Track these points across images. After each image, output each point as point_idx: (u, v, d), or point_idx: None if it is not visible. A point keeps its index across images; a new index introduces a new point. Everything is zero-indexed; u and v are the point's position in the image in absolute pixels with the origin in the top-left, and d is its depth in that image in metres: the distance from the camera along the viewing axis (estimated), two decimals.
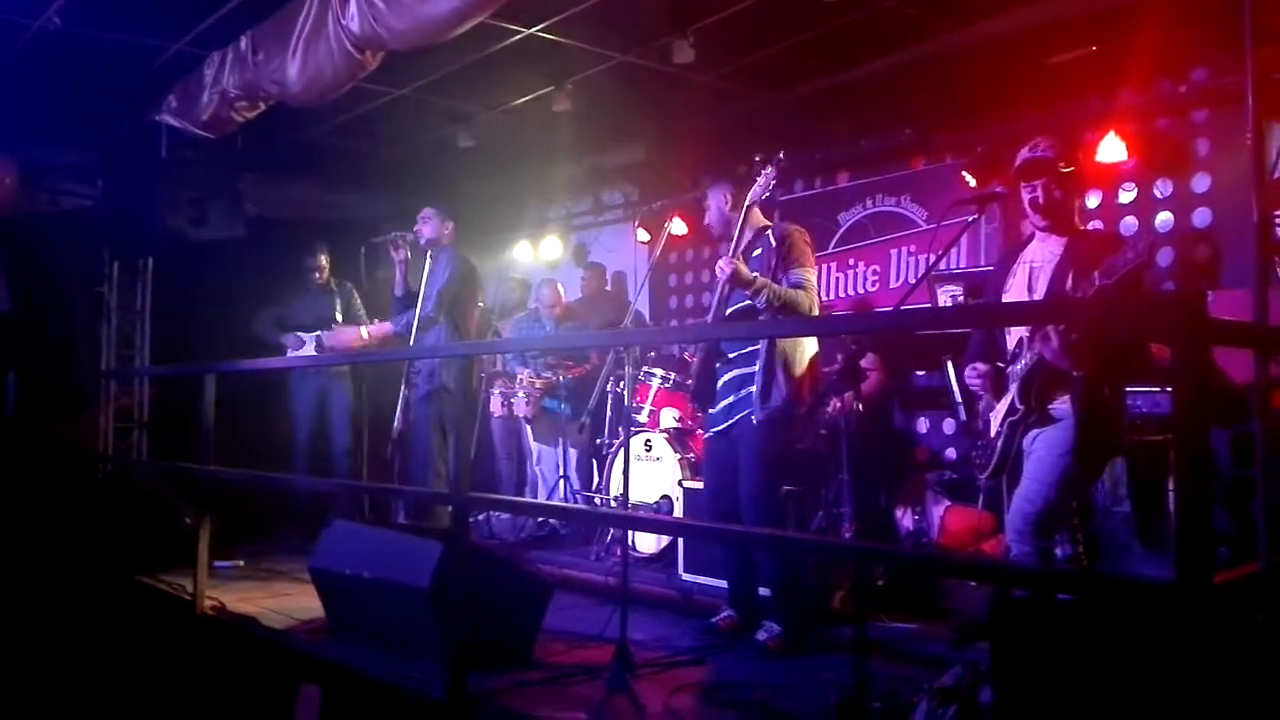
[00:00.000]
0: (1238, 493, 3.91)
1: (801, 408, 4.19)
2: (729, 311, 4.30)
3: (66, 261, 7.01)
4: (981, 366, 3.47)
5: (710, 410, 4.40)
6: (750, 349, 4.21)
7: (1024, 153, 3.39)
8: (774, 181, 4.17)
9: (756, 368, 4.14)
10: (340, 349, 6.29)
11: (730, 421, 4.25)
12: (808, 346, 4.27)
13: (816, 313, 4.33)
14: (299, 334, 6.78)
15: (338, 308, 6.91)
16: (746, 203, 4.22)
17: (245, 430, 5.85)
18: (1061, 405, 3.20)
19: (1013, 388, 3.30)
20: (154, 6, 5.31)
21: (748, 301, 4.18)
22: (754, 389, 4.14)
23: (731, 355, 4.30)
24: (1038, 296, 3.29)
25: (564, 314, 7.20)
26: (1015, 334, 3.36)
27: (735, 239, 4.30)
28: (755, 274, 4.13)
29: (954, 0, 5.08)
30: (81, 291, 7.09)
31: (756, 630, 4.12)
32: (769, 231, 4.30)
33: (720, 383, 4.34)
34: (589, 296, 7.99)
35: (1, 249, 6.76)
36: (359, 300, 7.02)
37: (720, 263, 4.17)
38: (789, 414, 4.15)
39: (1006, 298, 3.43)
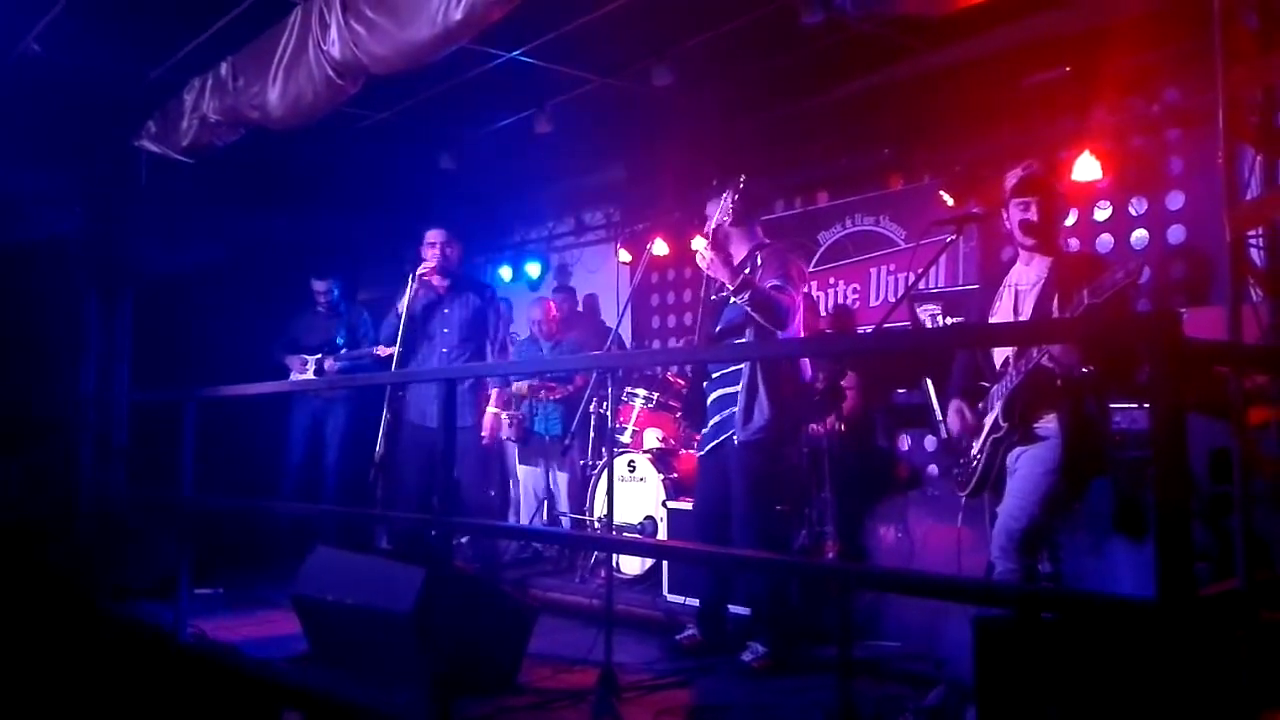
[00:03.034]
0: (1216, 508, 3.94)
1: (787, 428, 4.20)
2: (717, 329, 4.31)
3: (44, 289, 6.96)
4: (966, 410, 3.48)
5: (702, 430, 4.42)
6: (734, 368, 4.22)
7: (1018, 171, 3.41)
8: (733, 205, 4.14)
9: (739, 388, 4.14)
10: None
11: (717, 441, 4.26)
12: (796, 365, 4.29)
13: (797, 331, 4.29)
14: (303, 356, 6.76)
15: (341, 331, 6.87)
16: (712, 226, 4.18)
17: (236, 452, 5.82)
18: (1047, 424, 3.21)
19: (997, 406, 3.31)
20: (134, 33, 5.31)
21: (735, 320, 4.19)
22: (736, 409, 4.13)
23: (715, 375, 4.32)
24: (1024, 319, 3.31)
25: (556, 333, 7.19)
26: (1001, 354, 3.38)
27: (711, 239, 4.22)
28: (741, 269, 4.11)
29: (930, 23, 5.14)
30: (60, 319, 7.03)
31: (741, 651, 4.11)
32: (759, 250, 4.30)
33: (708, 401, 4.35)
34: (564, 319, 7.97)
35: None
36: (369, 320, 6.97)
37: (701, 248, 4.10)
38: (773, 435, 4.14)
39: (993, 320, 3.45)
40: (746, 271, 4.19)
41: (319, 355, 6.75)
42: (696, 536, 4.59)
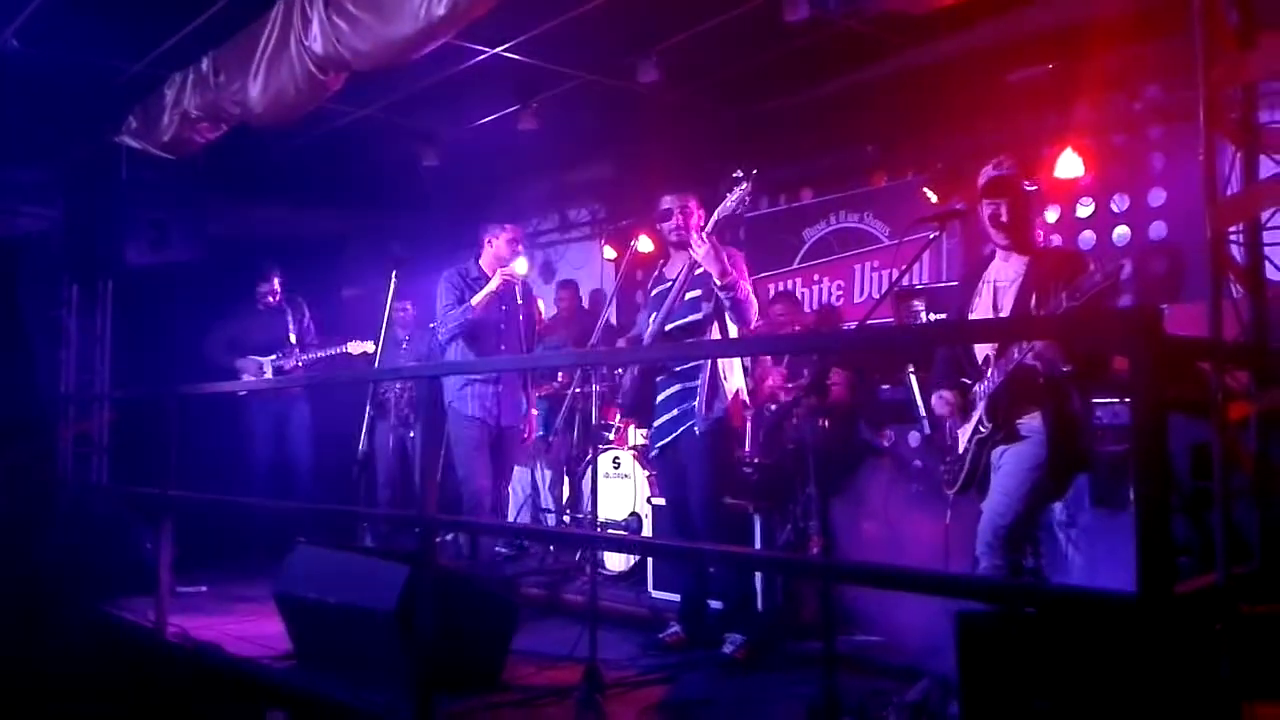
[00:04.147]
0: (1197, 502, 3.97)
1: (737, 420, 4.32)
2: (671, 326, 4.31)
3: (24, 284, 6.91)
4: (949, 395, 3.49)
5: (652, 426, 4.43)
6: (694, 364, 4.26)
7: (988, 170, 3.42)
8: (748, 198, 4.17)
9: (699, 382, 4.19)
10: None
11: (675, 435, 4.28)
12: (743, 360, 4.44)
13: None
14: (255, 358, 6.66)
15: (290, 327, 6.81)
16: (716, 216, 4.20)
17: (204, 452, 5.76)
18: (1030, 421, 3.22)
19: (980, 405, 3.32)
20: (114, 27, 5.26)
21: (694, 315, 4.23)
22: (696, 402, 4.19)
23: (677, 369, 4.32)
24: (1003, 316, 3.32)
25: (543, 331, 7.16)
26: (982, 352, 3.38)
27: (709, 229, 4.23)
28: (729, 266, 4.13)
29: (913, 20, 5.15)
30: (40, 314, 6.98)
31: (721, 644, 4.12)
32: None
33: (661, 397, 4.35)
34: (563, 315, 7.93)
35: None
36: (309, 316, 6.92)
37: (694, 239, 4.14)
38: (730, 424, 4.27)
39: (973, 317, 3.45)
40: (700, 272, 4.22)
41: (273, 356, 6.67)
42: (671, 533, 4.62)
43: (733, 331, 4.30)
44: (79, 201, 6.62)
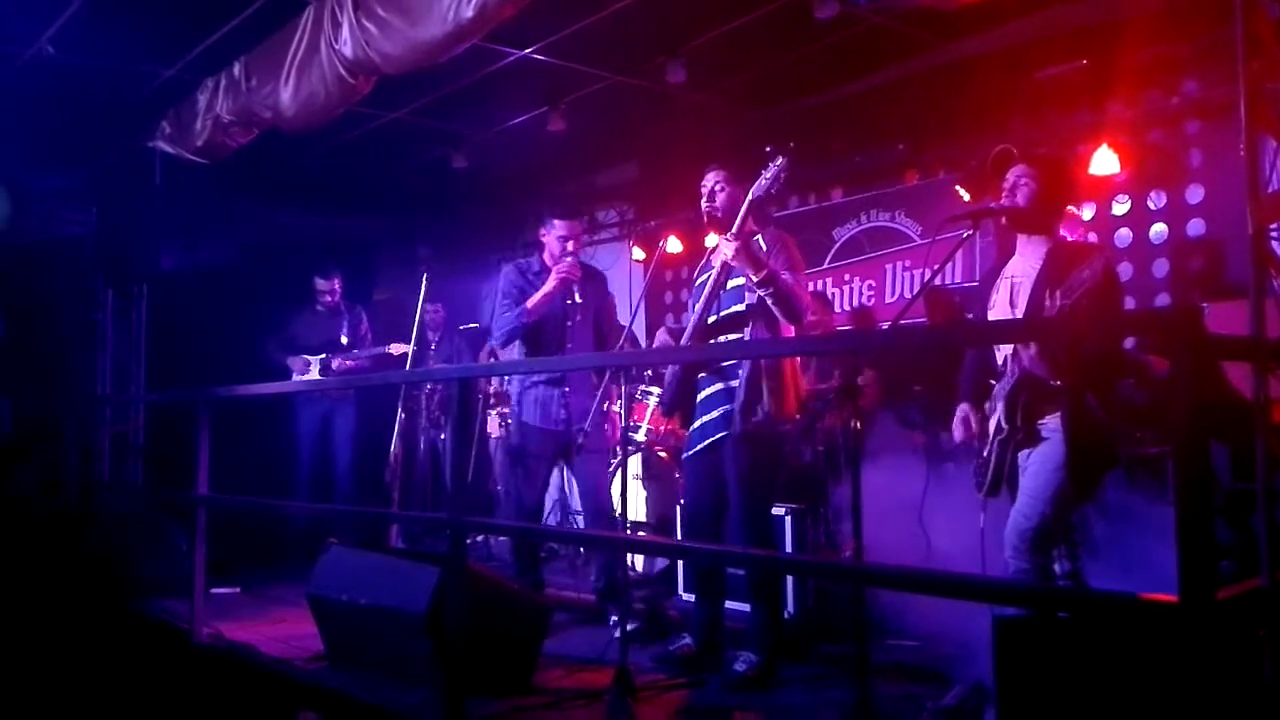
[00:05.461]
0: (1238, 505, 3.89)
1: (787, 424, 4.00)
2: (714, 319, 4.01)
3: (60, 288, 7.01)
4: (970, 414, 3.42)
5: (690, 427, 4.12)
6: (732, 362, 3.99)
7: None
8: (785, 174, 3.84)
9: (738, 381, 3.91)
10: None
11: (714, 438, 3.98)
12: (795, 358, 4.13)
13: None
14: (305, 356, 6.74)
15: (344, 330, 6.87)
16: (751, 195, 3.87)
17: (247, 452, 5.82)
18: (1050, 421, 3.16)
19: (999, 406, 3.26)
20: (147, 34, 5.33)
21: (737, 307, 3.94)
22: (736, 404, 3.90)
23: (719, 366, 4.01)
24: (1019, 312, 3.26)
25: None
26: (1002, 351, 3.33)
27: (736, 229, 3.88)
28: (765, 261, 3.82)
29: (944, 16, 5.10)
30: (76, 318, 7.08)
31: (734, 660, 3.90)
32: (759, 235, 3.99)
33: (701, 396, 4.06)
34: None
35: None
36: (367, 322, 6.99)
37: (721, 241, 3.85)
38: (776, 429, 3.95)
39: (991, 314, 3.39)
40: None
41: (323, 355, 6.73)
42: (686, 536, 4.38)
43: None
44: (113, 206, 6.71)
